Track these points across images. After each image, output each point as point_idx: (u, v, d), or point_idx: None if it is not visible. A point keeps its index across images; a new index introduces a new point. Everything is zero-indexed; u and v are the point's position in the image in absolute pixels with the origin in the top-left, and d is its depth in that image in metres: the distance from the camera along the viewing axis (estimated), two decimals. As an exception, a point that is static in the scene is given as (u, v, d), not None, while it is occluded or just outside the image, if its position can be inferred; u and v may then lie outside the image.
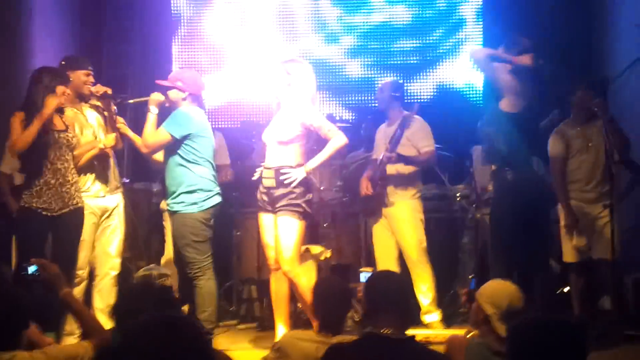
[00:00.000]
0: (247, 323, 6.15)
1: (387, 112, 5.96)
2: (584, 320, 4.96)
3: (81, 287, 5.08)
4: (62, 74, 5.02)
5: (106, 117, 5.26)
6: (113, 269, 5.25)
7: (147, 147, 5.16)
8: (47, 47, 7.62)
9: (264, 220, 5.11)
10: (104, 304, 5.15)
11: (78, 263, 5.04)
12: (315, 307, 3.87)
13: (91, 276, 5.22)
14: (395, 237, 5.78)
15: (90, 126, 5.23)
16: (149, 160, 5.47)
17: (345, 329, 3.92)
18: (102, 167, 5.24)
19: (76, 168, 4.99)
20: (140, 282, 4.39)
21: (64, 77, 4.98)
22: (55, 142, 4.85)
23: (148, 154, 5.26)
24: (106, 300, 5.17)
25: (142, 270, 3.90)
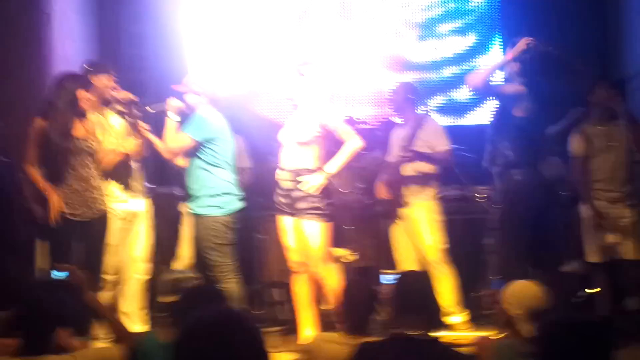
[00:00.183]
0: (272, 327, 6.16)
1: (401, 114, 5.96)
2: (610, 320, 4.93)
3: (108, 292, 5.13)
4: (83, 78, 5.05)
5: (130, 123, 5.31)
6: (138, 273, 5.29)
7: (169, 152, 5.19)
8: (66, 52, 7.68)
9: (284, 223, 5.12)
10: (130, 308, 5.20)
11: (106, 268, 5.10)
12: (342, 310, 3.87)
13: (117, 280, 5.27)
14: (413, 238, 5.77)
15: (113, 131, 5.27)
16: (173, 164, 5.51)
17: (370, 331, 3.91)
18: (127, 172, 5.28)
19: (99, 173, 5.03)
20: (196, 284, 4.45)
21: (85, 82, 5.02)
22: (76, 149, 4.88)
23: (171, 159, 5.29)
24: (133, 304, 5.22)
25: (170, 273, 3.93)
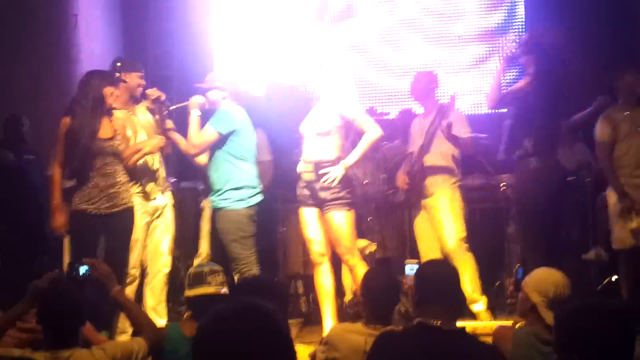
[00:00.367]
0: (294, 318, 6.20)
1: (423, 102, 5.95)
2: (633, 305, 4.90)
3: (134, 286, 5.20)
4: (110, 76, 5.09)
5: (157, 120, 5.37)
6: (165, 267, 5.37)
7: (194, 147, 5.23)
8: (92, 51, 7.77)
9: (306, 215, 5.12)
10: (156, 301, 5.27)
11: (131, 262, 5.15)
12: (364, 300, 3.89)
13: (142, 274, 5.33)
14: (436, 228, 5.77)
15: (142, 127, 5.33)
16: (194, 159, 5.55)
17: (392, 321, 3.93)
18: (152, 168, 5.34)
19: (126, 169, 5.08)
20: (253, 277, 4.50)
21: (112, 79, 5.06)
22: (101, 150, 4.92)
23: (195, 155, 5.33)
24: (158, 298, 5.29)
25: (194, 267, 3.97)
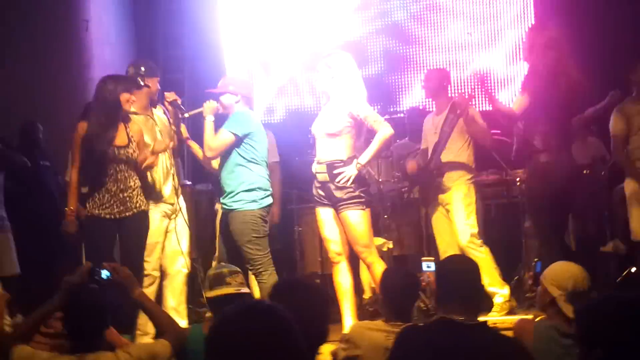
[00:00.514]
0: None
1: (436, 100, 5.95)
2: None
3: (153, 288, 5.23)
4: (126, 81, 5.12)
5: (171, 123, 5.41)
6: (184, 268, 5.41)
7: (211, 149, 5.26)
8: (104, 56, 7.82)
9: (322, 215, 5.15)
10: (177, 302, 5.32)
11: (151, 264, 5.21)
12: (383, 297, 3.91)
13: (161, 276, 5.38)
14: (451, 223, 5.76)
15: (161, 132, 5.37)
16: (207, 165, 5.59)
17: (412, 318, 3.94)
18: (167, 171, 5.38)
19: (137, 173, 5.07)
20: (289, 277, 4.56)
21: (128, 84, 5.09)
22: (114, 157, 4.95)
23: (212, 158, 5.36)
24: (178, 299, 5.33)
25: (213, 269, 4.01)
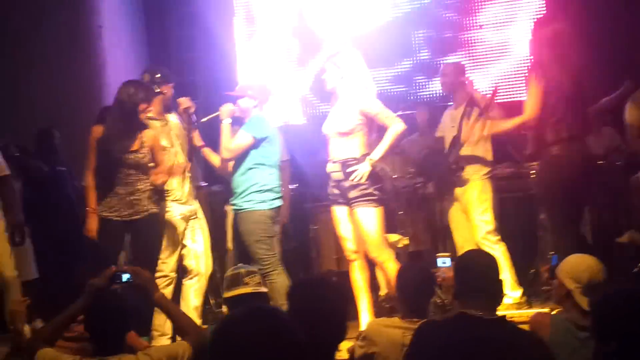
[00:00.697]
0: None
1: (453, 95, 5.96)
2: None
3: (170, 289, 5.30)
4: (146, 88, 5.16)
5: (185, 129, 5.49)
6: (208, 268, 5.49)
7: (229, 151, 5.33)
8: (117, 61, 7.88)
9: (338, 213, 5.18)
10: (196, 304, 5.38)
11: (169, 265, 5.30)
12: (399, 294, 3.92)
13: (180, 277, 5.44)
14: (469, 218, 5.77)
15: (177, 137, 5.44)
16: (222, 170, 5.65)
17: (429, 314, 3.96)
18: (184, 175, 5.45)
19: (147, 177, 5.09)
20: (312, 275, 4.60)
21: (147, 91, 5.14)
22: (123, 161, 5.01)
23: (228, 160, 5.42)
24: (199, 300, 5.41)
25: (231, 270, 4.05)
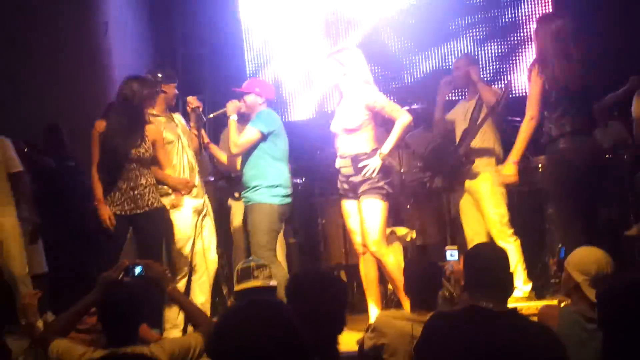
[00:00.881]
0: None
1: (466, 87, 5.97)
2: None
3: (183, 283, 5.36)
4: (150, 84, 5.23)
5: (192, 127, 5.56)
6: (215, 264, 5.53)
7: (237, 146, 5.39)
8: (123, 57, 7.90)
9: (347, 207, 5.21)
10: (205, 298, 5.42)
11: (182, 259, 5.34)
12: (407, 287, 3.95)
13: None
14: (480, 211, 5.78)
15: (184, 132, 5.50)
16: (229, 167, 5.74)
17: (437, 306, 3.98)
18: (193, 168, 5.48)
19: (149, 172, 5.17)
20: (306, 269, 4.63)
21: (152, 88, 5.21)
22: (127, 157, 5.06)
23: (236, 155, 5.49)
24: (206, 294, 5.44)
25: (241, 263, 4.10)
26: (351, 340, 4.28)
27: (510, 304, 2.98)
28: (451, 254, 5.44)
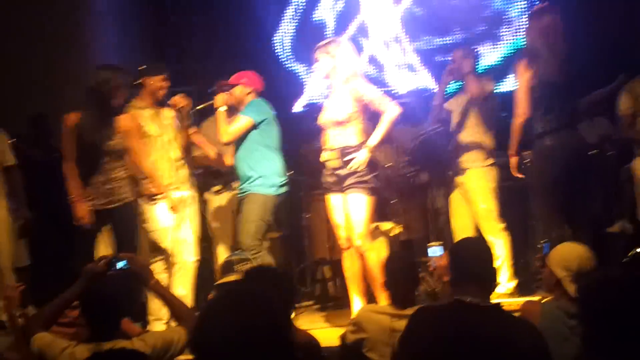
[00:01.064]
0: (323, 303, 6.29)
1: (462, 80, 5.96)
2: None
3: (165, 275, 5.34)
4: (124, 73, 5.18)
5: (179, 125, 5.51)
6: (193, 255, 5.49)
7: (228, 134, 5.35)
8: (117, 47, 7.84)
9: (332, 201, 5.21)
10: (186, 290, 5.38)
11: (162, 251, 5.33)
12: (388, 282, 3.97)
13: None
14: (469, 206, 5.79)
15: (169, 127, 5.47)
16: (217, 163, 5.76)
17: (419, 302, 4.00)
18: (175, 162, 5.46)
19: (124, 165, 5.15)
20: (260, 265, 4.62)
21: (125, 75, 5.16)
22: (99, 150, 5.03)
23: (227, 143, 5.45)
24: (186, 287, 5.40)
25: (226, 257, 4.11)
26: (334, 336, 4.29)
27: (492, 300, 2.99)
28: (433, 251, 5.46)
